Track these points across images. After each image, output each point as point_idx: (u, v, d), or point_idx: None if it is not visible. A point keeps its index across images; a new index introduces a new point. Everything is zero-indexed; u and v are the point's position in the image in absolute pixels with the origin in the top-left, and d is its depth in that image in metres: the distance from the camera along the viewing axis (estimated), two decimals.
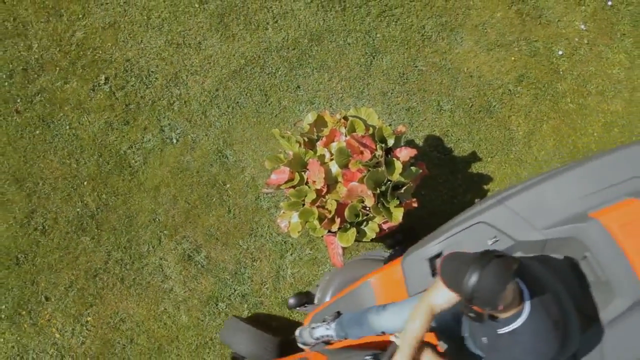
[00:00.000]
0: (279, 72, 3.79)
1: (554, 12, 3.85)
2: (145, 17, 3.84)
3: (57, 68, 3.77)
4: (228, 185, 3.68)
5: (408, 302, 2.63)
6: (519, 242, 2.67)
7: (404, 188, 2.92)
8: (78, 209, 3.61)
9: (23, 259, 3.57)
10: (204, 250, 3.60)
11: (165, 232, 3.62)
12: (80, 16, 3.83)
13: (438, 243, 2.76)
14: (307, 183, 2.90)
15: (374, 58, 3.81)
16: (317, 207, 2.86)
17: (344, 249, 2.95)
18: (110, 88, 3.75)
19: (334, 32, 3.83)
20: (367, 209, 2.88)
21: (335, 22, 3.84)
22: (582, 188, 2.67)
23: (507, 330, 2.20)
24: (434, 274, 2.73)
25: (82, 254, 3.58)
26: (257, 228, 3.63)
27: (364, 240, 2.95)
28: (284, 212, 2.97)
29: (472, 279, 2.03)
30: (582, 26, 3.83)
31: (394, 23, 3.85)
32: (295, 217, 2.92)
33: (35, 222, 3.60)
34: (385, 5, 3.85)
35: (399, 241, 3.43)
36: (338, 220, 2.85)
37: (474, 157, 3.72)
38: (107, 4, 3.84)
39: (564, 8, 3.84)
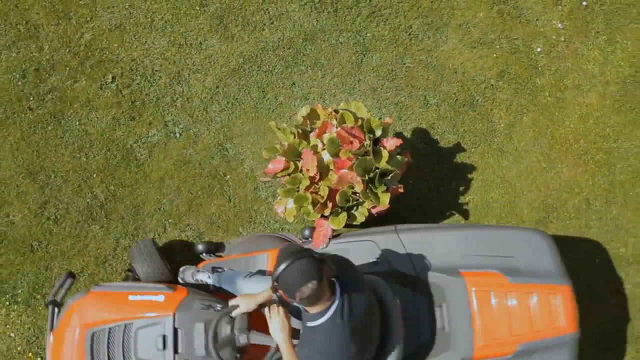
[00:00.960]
0: (276, 70, 4.03)
1: (532, 11, 4.08)
2: (149, 19, 4.07)
3: (67, 68, 4.00)
4: (228, 177, 3.92)
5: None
6: (394, 270, 3.01)
7: (391, 175, 3.16)
8: (88, 200, 3.85)
9: (37, 246, 3.81)
10: (206, 237, 3.84)
11: (169, 220, 3.85)
12: (88, 19, 4.06)
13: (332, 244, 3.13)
14: (301, 171, 3.14)
15: (364, 56, 4.05)
16: (311, 193, 3.10)
17: (333, 231, 3.19)
18: (117, 86, 3.99)
19: (326, 32, 4.07)
20: (357, 194, 3.12)
21: (328, 23, 4.07)
22: (467, 248, 3.03)
23: (309, 325, 2.49)
24: None
25: (92, 241, 3.81)
26: (256, 216, 3.87)
27: (354, 223, 3.20)
28: (280, 199, 3.21)
29: (282, 266, 2.32)
30: (559, 25, 4.07)
31: (383, 23, 4.08)
32: (290, 202, 3.16)
33: (48, 212, 3.84)
34: (374, 7, 4.09)
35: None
36: (330, 205, 3.09)
37: (458, 148, 3.96)
38: (113, 7, 4.07)
39: (542, 8, 4.08)
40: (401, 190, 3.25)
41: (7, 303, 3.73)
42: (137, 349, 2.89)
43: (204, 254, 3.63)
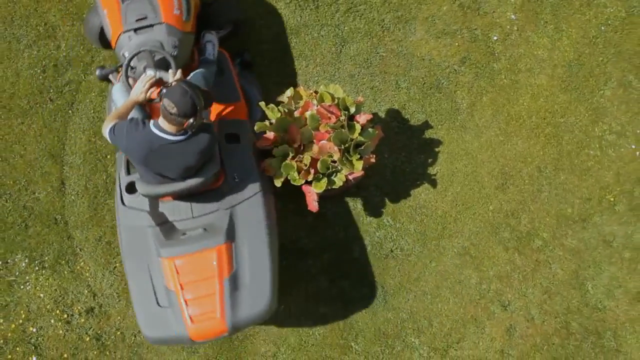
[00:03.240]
0: (266, 61, 4.55)
1: (489, 5, 4.59)
2: None
3: (82, 63, 4.49)
4: None
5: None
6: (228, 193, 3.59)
7: (364, 145, 3.71)
8: (103, 177, 4.37)
9: (60, 219, 4.33)
10: None
11: None
12: None
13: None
14: (287, 143, 3.69)
15: (343, 47, 4.56)
16: (296, 161, 3.65)
17: (318, 194, 3.75)
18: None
19: (309, 27, 4.56)
20: (335, 162, 3.67)
21: (310, 18, 4.58)
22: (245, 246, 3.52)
23: (152, 121, 3.20)
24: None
25: (108, 213, 4.31)
26: None
27: (333, 187, 3.74)
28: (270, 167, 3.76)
29: (184, 84, 3.07)
30: (513, 16, 4.60)
31: (358, 17, 4.60)
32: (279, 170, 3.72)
33: (69, 189, 4.37)
34: (351, 3, 4.60)
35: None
36: (312, 172, 3.65)
37: (426, 125, 4.47)
38: None
39: (497, 1, 4.57)
40: (373, 160, 3.80)
41: (37, 268, 4.27)
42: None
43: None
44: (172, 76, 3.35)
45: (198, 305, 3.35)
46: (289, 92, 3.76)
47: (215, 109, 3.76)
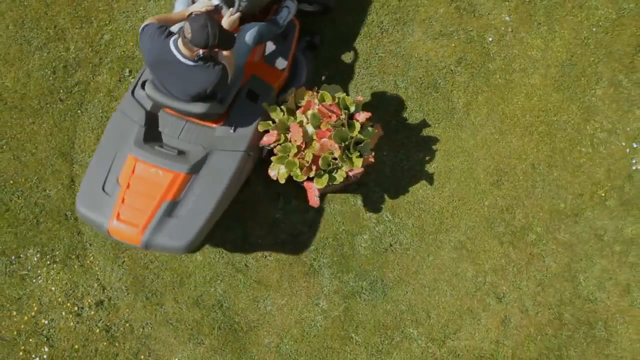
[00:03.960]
0: None
1: (484, 7, 4.73)
2: None
3: (90, 64, 4.67)
4: None
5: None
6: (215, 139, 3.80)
7: (363, 143, 3.86)
8: None
9: (70, 215, 4.49)
10: None
11: None
12: (107, 22, 4.72)
13: None
14: (290, 141, 3.84)
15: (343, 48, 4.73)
16: (298, 159, 3.79)
17: (319, 190, 3.90)
18: (133, 79, 4.65)
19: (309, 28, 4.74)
20: (336, 159, 3.82)
21: (311, 20, 4.75)
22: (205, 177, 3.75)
23: (175, 36, 3.42)
24: None
25: None
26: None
27: (334, 183, 3.89)
28: (274, 164, 3.91)
29: (209, 19, 3.27)
30: (507, 18, 4.73)
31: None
32: (282, 168, 3.86)
33: (79, 186, 4.50)
34: (350, 5, 4.77)
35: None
36: (314, 168, 3.79)
37: (424, 124, 4.60)
38: (128, 11, 4.73)
39: (492, 3, 4.72)
40: (372, 159, 3.94)
41: (48, 263, 4.42)
42: None
43: None
44: (228, 15, 3.56)
45: (130, 209, 3.60)
46: (291, 92, 3.90)
47: (257, 64, 3.97)
